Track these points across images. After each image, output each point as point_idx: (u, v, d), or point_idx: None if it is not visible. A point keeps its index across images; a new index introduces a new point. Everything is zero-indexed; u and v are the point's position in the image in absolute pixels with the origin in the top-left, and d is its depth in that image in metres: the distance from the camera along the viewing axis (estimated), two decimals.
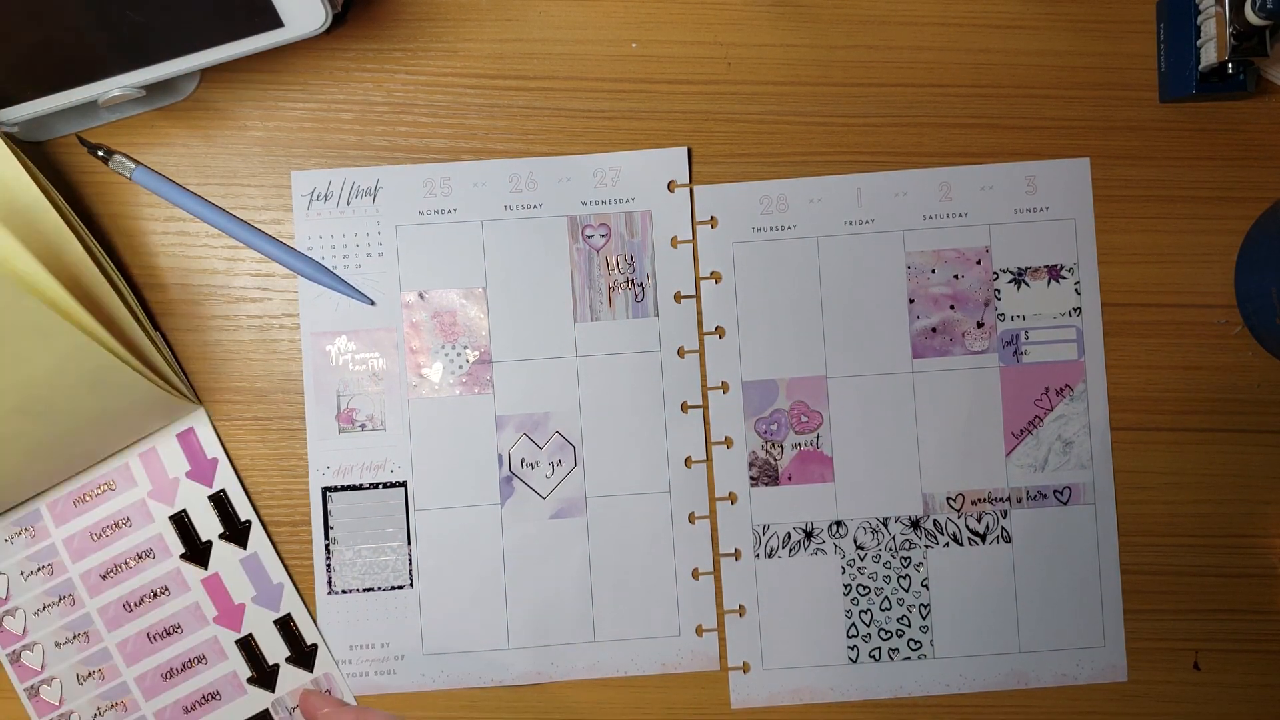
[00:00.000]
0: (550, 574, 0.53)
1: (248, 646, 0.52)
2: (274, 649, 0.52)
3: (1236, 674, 0.53)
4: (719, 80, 0.54)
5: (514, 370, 0.53)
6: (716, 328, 0.54)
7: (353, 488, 0.53)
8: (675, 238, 0.54)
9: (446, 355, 0.53)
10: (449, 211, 0.53)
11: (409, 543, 0.53)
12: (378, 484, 0.53)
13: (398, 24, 0.54)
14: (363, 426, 0.53)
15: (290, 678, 0.52)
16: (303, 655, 0.52)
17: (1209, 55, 0.51)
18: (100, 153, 0.52)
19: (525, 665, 0.53)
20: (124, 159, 0.52)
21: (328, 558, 0.53)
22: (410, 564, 0.53)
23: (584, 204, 0.53)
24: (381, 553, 0.53)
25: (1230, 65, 0.51)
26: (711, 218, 0.54)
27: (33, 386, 0.46)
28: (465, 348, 0.53)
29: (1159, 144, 0.54)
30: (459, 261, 0.53)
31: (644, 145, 0.54)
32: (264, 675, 0.52)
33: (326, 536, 0.53)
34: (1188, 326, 0.54)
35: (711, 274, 0.54)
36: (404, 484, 0.53)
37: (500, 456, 0.53)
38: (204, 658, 0.52)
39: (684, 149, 0.53)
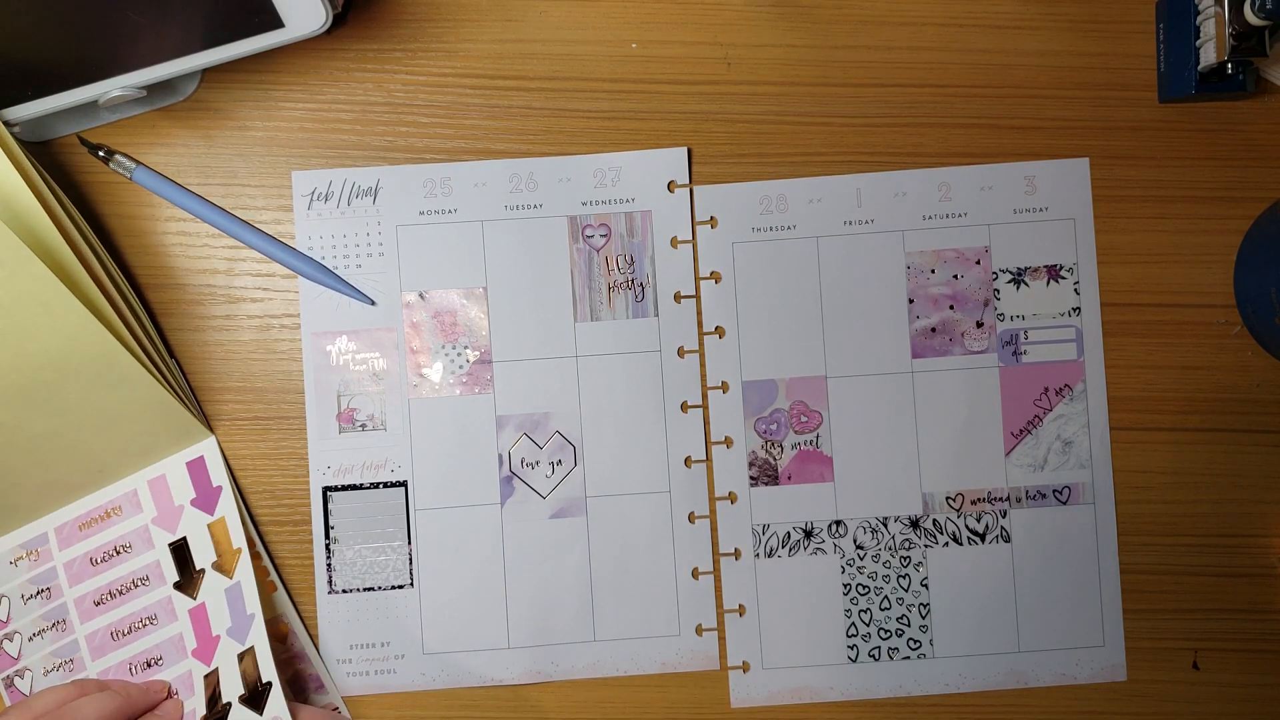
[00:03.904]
0: (550, 573, 0.53)
1: (210, 682, 0.50)
2: (231, 684, 0.50)
3: (1235, 673, 0.54)
4: (719, 80, 0.54)
5: (514, 370, 0.53)
6: (716, 328, 0.54)
7: (353, 487, 0.53)
8: (675, 238, 0.54)
9: (447, 355, 0.53)
10: (449, 211, 0.53)
11: (409, 542, 0.53)
12: (378, 484, 0.53)
13: (398, 24, 0.54)
14: (363, 426, 0.53)
15: (241, 718, 0.49)
16: (254, 694, 0.50)
17: (1208, 55, 0.51)
18: (101, 153, 0.52)
19: (525, 664, 0.53)
20: (124, 159, 0.52)
21: (328, 557, 0.53)
22: (410, 563, 0.53)
23: (584, 204, 0.54)
24: (382, 552, 0.53)
25: (1229, 65, 0.51)
26: (711, 218, 0.54)
27: (36, 368, 0.46)
28: (465, 348, 0.53)
29: (1158, 144, 0.54)
30: (459, 261, 0.53)
31: (644, 145, 0.54)
32: (214, 715, 0.49)
33: (327, 536, 0.53)
34: (1187, 326, 0.54)
35: (711, 274, 0.54)
36: (404, 484, 0.53)
37: (500, 456, 0.53)
38: (176, 693, 0.51)
39: (684, 149, 0.54)
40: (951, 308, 0.54)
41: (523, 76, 0.54)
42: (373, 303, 0.53)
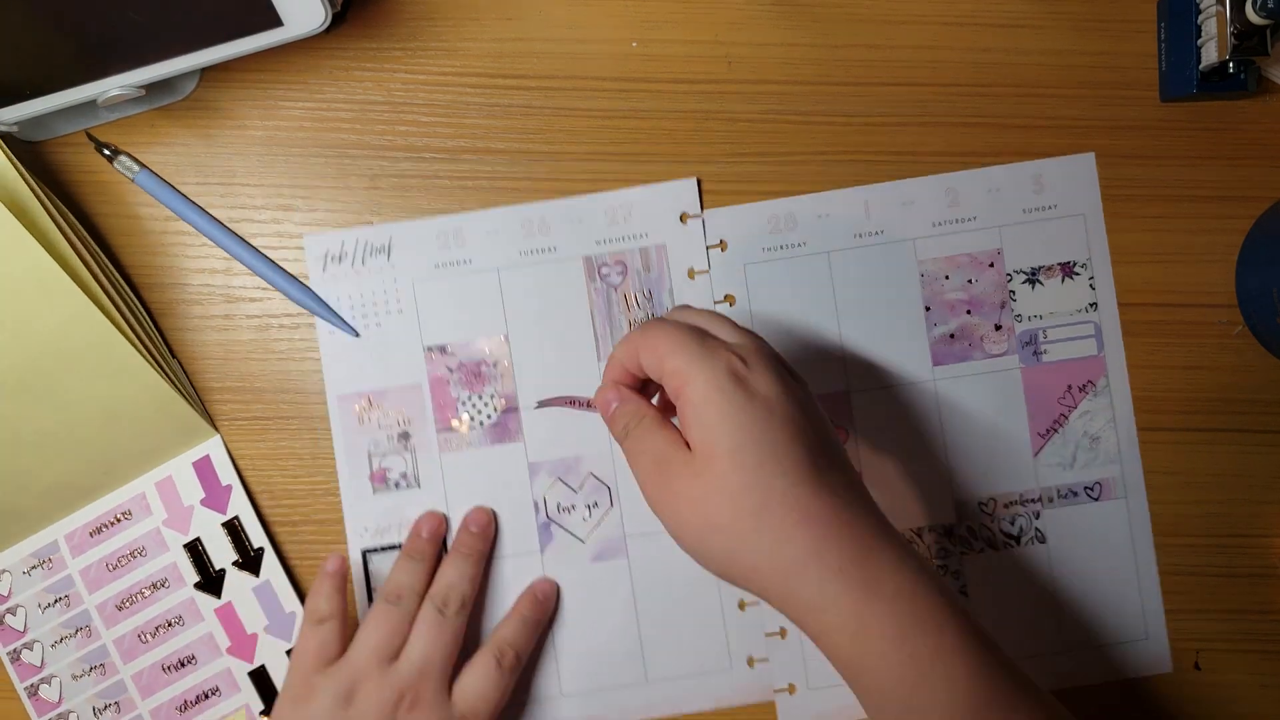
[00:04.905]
0: (597, 617, 0.52)
1: (260, 678, 0.51)
2: None
3: (1236, 674, 0.53)
4: (720, 80, 0.54)
5: (542, 415, 0.53)
6: None
7: (392, 547, 0.52)
8: (691, 269, 0.53)
9: (474, 406, 0.53)
10: (464, 262, 0.53)
11: None
12: None
13: (398, 23, 0.53)
14: (396, 485, 0.52)
15: None
16: None
17: (1210, 54, 0.51)
18: (107, 151, 0.52)
19: (579, 711, 0.52)
20: (129, 160, 0.52)
21: None
22: None
23: (598, 243, 0.53)
24: None
25: (1231, 64, 0.51)
26: (721, 241, 0.53)
27: (35, 355, 0.46)
28: (492, 397, 0.53)
29: (1160, 143, 0.54)
30: (478, 311, 0.53)
31: (644, 144, 0.53)
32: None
33: (370, 598, 0.52)
34: (1189, 326, 0.54)
35: (725, 297, 0.53)
36: (443, 539, 0.52)
37: (536, 503, 0.53)
38: (218, 690, 0.51)
39: (693, 180, 0.53)
40: (968, 312, 0.53)
41: (523, 75, 0.53)
42: (356, 334, 0.53)
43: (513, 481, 0.53)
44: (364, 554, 0.52)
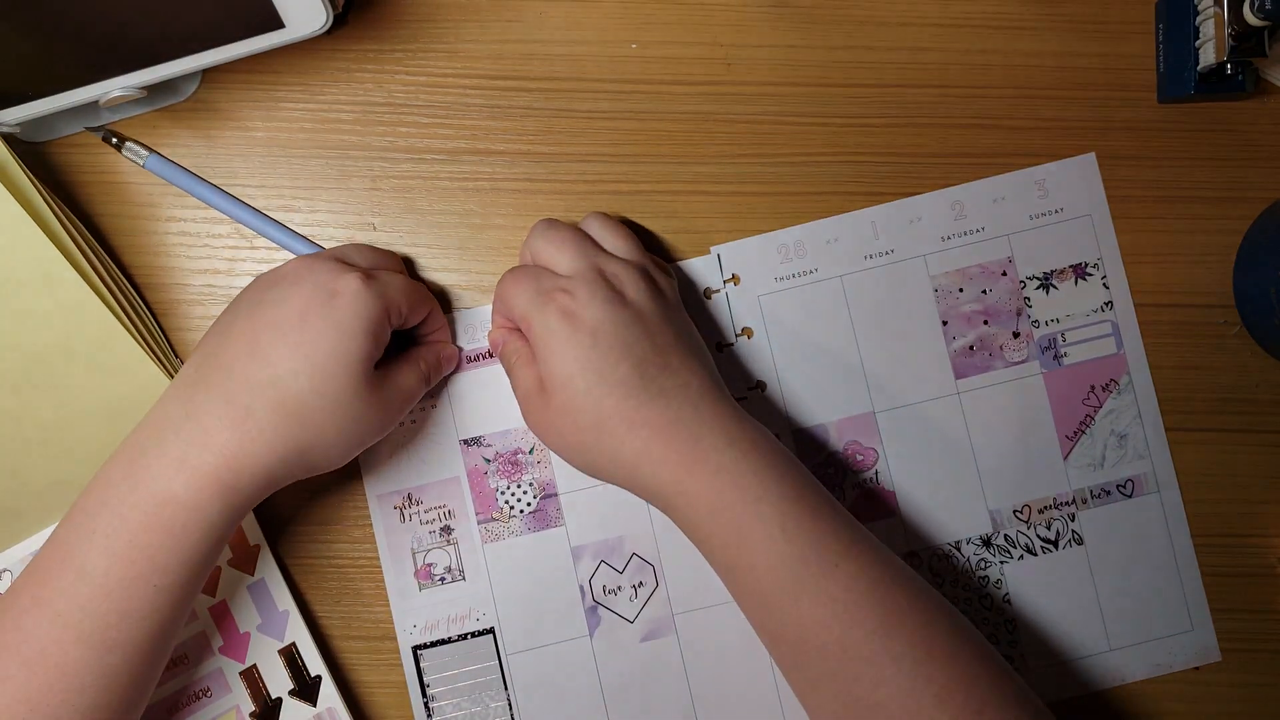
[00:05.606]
0: (652, 697, 0.52)
1: (251, 679, 0.51)
2: (278, 680, 0.51)
3: (1236, 674, 0.53)
4: (718, 81, 0.54)
5: (582, 499, 0.53)
6: (758, 383, 0.53)
7: (442, 642, 0.52)
8: (719, 343, 0.53)
9: (513, 495, 0.53)
10: (490, 356, 0.53)
11: (506, 688, 0.52)
12: (466, 634, 0.52)
13: (398, 24, 0.54)
14: (442, 580, 0.53)
15: (294, 712, 0.51)
16: (305, 688, 0.51)
17: (1207, 56, 0.51)
18: (114, 140, 0.52)
19: None
20: (137, 146, 0.52)
21: (428, 716, 0.52)
22: (511, 709, 0.52)
23: None
24: (479, 701, 0.52)
25: (1229, 66, 0.51)
26: (733, 275, 0.53)
27: (38, 347, 0.47)
28: (530, 484, 0.53)
29: (1158, 144, 0.54)
30: (509, 400, 0.52)
31: (643, 146, 0.53)
32: (267, 710, 0.51)
33: (424, 695, 0.52)
34: (1187, 326, 0.54)
35: (743, 330, 0.53)
36: (491, 630, 0.52)
37: (581, 587, 0.52)
38: (209, 690, 0.51)
39: (714, 256, 0.53)
40: (985, 323, 0.53)
41: (523, 76, 0.54)
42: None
43: (557, 567, 0.52)
44: (414, 651, 0.52)
